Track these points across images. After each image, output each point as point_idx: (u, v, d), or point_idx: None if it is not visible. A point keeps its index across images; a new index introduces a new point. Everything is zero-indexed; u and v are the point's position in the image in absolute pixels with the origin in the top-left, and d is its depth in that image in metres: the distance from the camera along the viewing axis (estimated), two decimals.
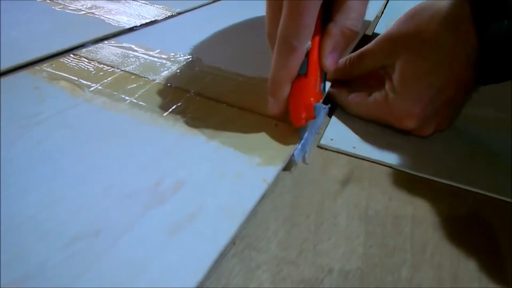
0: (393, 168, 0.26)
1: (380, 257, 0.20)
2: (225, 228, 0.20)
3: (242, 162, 0.25)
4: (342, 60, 0.32)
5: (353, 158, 0.27)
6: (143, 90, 0.32)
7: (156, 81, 0.34)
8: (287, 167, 0.26)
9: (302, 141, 0.26)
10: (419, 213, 0.23)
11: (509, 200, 0.24)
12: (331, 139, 0.29)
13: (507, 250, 0.21)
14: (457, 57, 0.25)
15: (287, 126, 0.28)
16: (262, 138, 0.27)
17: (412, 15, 0.27)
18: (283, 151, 0.26)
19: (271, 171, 0.24)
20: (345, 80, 0.33)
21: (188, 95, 0.32)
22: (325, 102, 0.26)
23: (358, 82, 0.32)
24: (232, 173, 0.24)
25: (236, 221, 0.20)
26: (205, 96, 0.32)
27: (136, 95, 0.32)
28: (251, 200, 0.22)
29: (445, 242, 0.21)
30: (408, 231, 0.22)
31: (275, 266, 0.19)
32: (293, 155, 0.26)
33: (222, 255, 0.20)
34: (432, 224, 0.22)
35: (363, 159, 0.27)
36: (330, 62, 0.24)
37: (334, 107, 0.32)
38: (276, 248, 0.20)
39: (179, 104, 0.31)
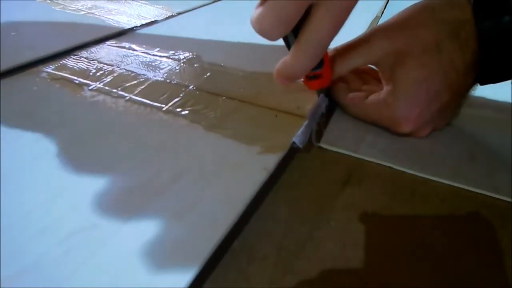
0: (393, 168, 0.26)
1: (380, 257, 0.20)
2: (224, 217, 0.20)
3: (242, 152, 0.25)
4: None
5: (353, 158, 0.27)
6: (142, 87, 0.33)
7: (156, 78, 0.34)
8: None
9: (302, 129, 0.27)
10: (419, 213, 0.23)
11: (509, 200, 0.24)
12: (331, 140, 0.28)
13: (507, 250, 0.21)
14: (454, 66, 0.26)
15: (287, 116, 0.28)
16: (262, 128, 0.28)
17: (411, 17, 0.27)
18: (284, 140, 0.26)
19: (272, 159, 0.24)
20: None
21: (187, 90, 0.32)
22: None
23: (355, 78, 0.32)
24: (232, 163, 0.24)
25: (236, 209, 0.21)
26: (205, 90, 0.33)
27: (136, 92, 0.32)
28: (251, 189, 0.22)
29: (445, 242, 0.21)
30: (408, 231, 0.22)
31: (274, 266, 0.19)
32: (294, 142, 0.26)
33: (221, 252, 0.20)
34: (432, 224, 0.22)
35: (363, 159, 0.27)
36: None
37: (334, 107, 0.32)
38: (275, 248, 0.20)
39: (178, 98, 0.31)
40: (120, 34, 0.45)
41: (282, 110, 0.29)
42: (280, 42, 0.24)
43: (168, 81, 0.34)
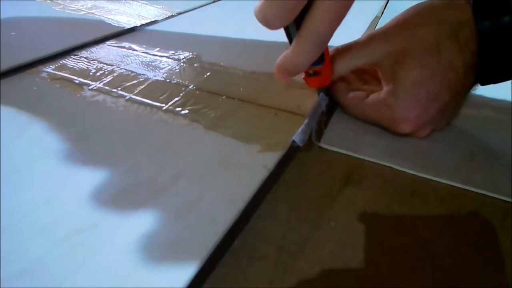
0: (393, 168, 0.26)
1: (380, 257, 0.20)
2: (224, 217, 0.20)
3: (243, 151, 0.25)
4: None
5: (353, 158, 0.27)
6: (142, 87, 0.33)
7: (155, 78, 0.34)
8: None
9: (302, 127, 0.27)
10: (419, 213, 0.23)
11: (509, 200, 0.24)
12: (331, 139, 0.28)
13: (507, 250, 0.21)
14: (454, 67, 0.26)
15: (287, 115, 0.28)
16: (262, 127, 0.28)
17: (411, 18, 0.27)
18: (284, 138, 0.26)
19: (272, 157, 0.24)
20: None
21: (187, 89, 0.32)
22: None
23: (355, 78, 0.32)
24: (232, 161, 0.24)
25: (236, 208, 0.21)
26: (204, 89, 0.33)
27: (136, 91, 0.32)
28: (251, 188, 0.22)
29: (445, 242, 0.21)
30: (408, 231, 0.22)
31: (274, 266, 0.19)
32: (294, 141, 0.26)
33: (221, 252, 0.20)
34: (432, 224, 0.22)
35: (363, 159, 0.27)
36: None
37: (335, 106, 0.32)
38: (276, 248, 0.20)
39: (178, 98, 0.31)
40: (120, 34, 0.45)
41: (282, 109, 0.29)
42: (280, 40, 0.24)
43: (168, 80, 0.34)
